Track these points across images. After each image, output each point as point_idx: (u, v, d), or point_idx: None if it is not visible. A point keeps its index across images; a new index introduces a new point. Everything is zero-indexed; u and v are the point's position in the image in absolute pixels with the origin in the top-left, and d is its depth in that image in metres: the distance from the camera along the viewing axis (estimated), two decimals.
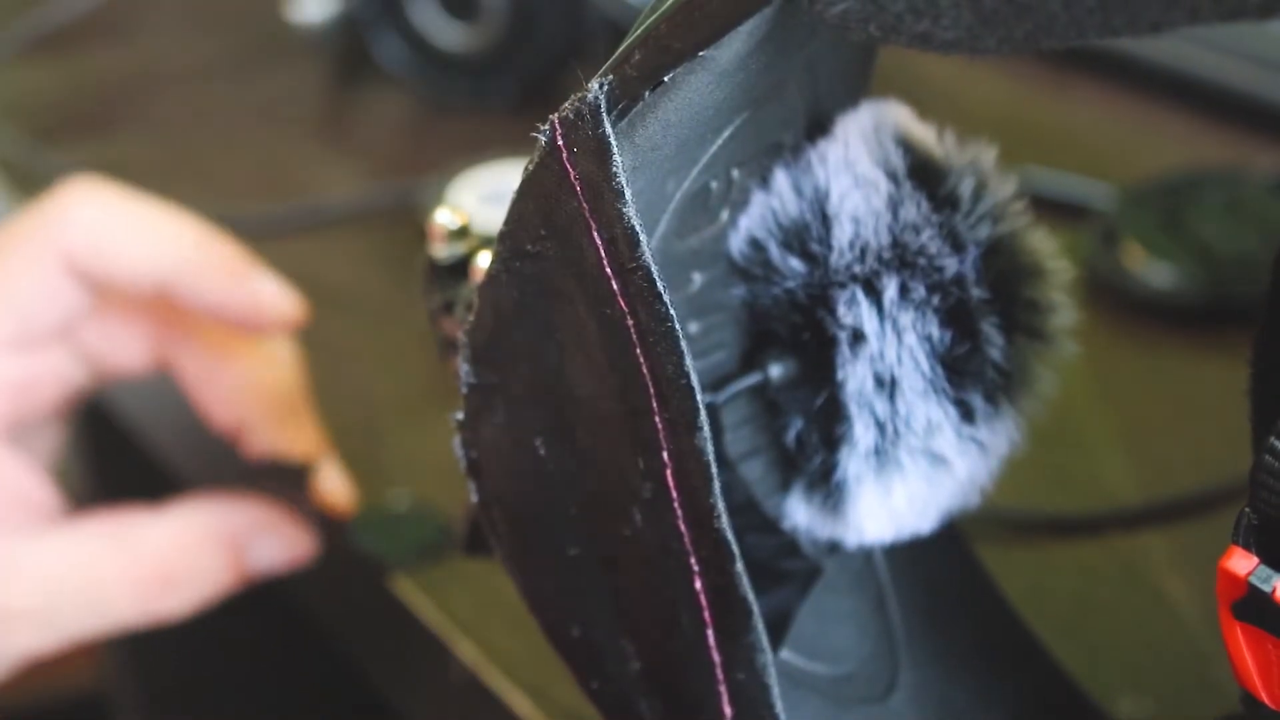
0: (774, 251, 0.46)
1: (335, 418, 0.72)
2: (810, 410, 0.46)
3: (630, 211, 0.39)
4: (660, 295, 0.39)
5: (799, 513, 0.47)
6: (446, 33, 0.93)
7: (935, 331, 0.44)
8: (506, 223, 0.42)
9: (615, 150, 0.39)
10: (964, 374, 0.45)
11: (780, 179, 0.46)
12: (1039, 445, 0.49)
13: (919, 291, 0.44)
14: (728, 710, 0.42)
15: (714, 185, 0.45)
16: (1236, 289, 0.72)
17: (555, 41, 0.90)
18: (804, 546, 0.49)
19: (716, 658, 0.42)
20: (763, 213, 0.46)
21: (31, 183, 0.89)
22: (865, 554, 0.49)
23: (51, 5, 1.07)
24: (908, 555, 0.50)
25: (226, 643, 1.05)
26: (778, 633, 0.47)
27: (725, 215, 0.46)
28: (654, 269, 0.39)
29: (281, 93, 0.98)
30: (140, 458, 0.89)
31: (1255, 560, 0.39)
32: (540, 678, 0.60)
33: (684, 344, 0.39)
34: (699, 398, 0.40)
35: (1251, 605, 0.39)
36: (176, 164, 0.91)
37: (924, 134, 0.46)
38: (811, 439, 0.46)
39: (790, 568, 0.48)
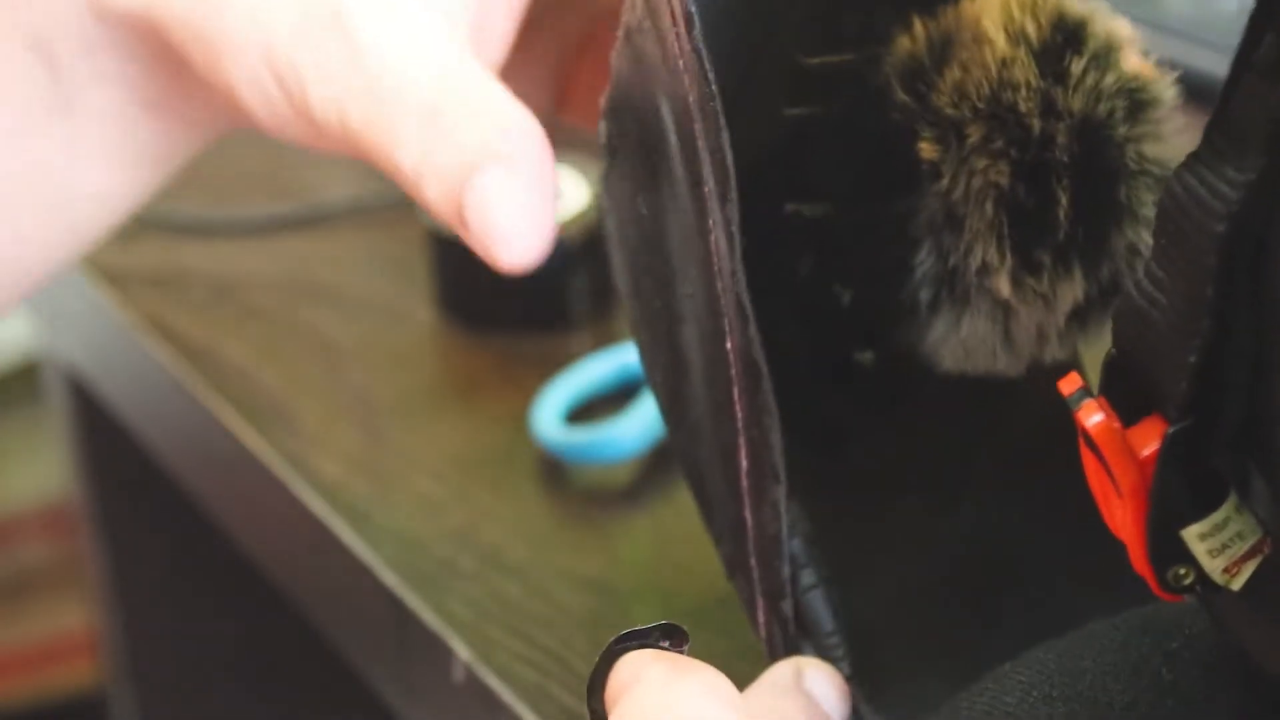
0: (892, 85, 0.50)
1: (334, 417, 0.72)
2: (894, 231, 0.51)
3: None
4: (707, 75, 0.45)
5: (904, 333, 0.52)
6: None
7: (1005, 181, 0.48)
8: (626, 3, 0.48)
9: None
10: (1029, 226, 0.48)
11: (917, 24, 0.50)
12: None
13: (998, 143, 0.48)
14: (744, 463, 0.46)
15: (850, 18, 0.51)
16: None
17: None
18: (909, 370, 0.52)
19: (739, 412, 0.46)
20: (898, 53, 0.51)
21: None
22: (974, 406, 0.54)
23: None
24: (1006, 409, 0.54)
25: (225, 643, 1.04)
26: (853, 433, 0.53)
27: (870, 50, 0.51)
28: (704, 52, 0.45)
29: None
30: (139, 457, 0.89)
31: (1079, 383, 0.42)
32: (540, 678, 0.60)
33: (723, 121, 0.45)
34: (732, 173, 0.45)
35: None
36: None
37: (1076, 17, 0.49)
38: (894, 261, 0.51)
39: (884, 385, 0.54)
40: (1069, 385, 0.41)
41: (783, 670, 0.49)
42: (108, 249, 0.84)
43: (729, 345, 0.46)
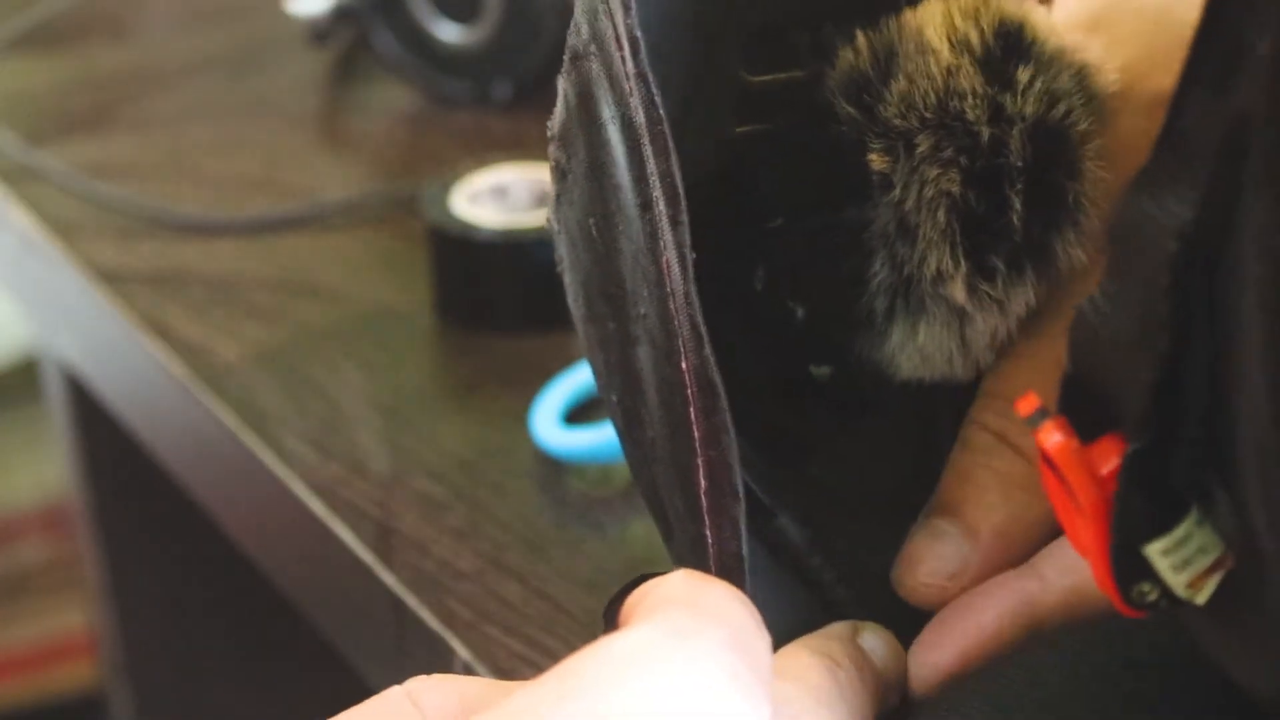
0: (836, 99, 0.50)
1: (333, 417, 0.72)
2: (846, 243, 0.51)
3: (634, 22, 0.46)
4: (654, 99, 0.45)
5: (860, 344, 0.52)
6: (445, 30, 0.93)
7: (956, 189, 0.49)
8: (571, 26, 0.49)
9: None
10: (982, 233, 0.49)
11: (860, 38, 0.51)
12: None
13: (947, 152, 0.49)
14: (703, 482, 0.46)
15: (795, 35, 0.51)
16: None
17: (553, 40, 0.90)
18: (866, 381, 0.53)
19: (697, 432, 0.46)
20: (842, 67, 0.51)
21: (22, 182, 0.89)
22: (932, 412, 0.54)
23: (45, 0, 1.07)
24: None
25: (224, 643, 1.04)
26: (810, 452, 0.54)
27: (815, 67, 0.51)
28: (650, 75, 0.45)
29: (279, 90, 0.97)
30: (138, 457, 0.89)
31: (1037, 404, 0.41)
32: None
33: (671, 144, 0.45)
34: (681, 195, 0.45)
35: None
36: (172, 162, 0.91)
37: (1017, 20, 0.50)
38: (848, 273, 0.51)
39: (842, 398, 0.54)
40: (1027, 406, 0.41)
41: (839, 626, 0.49)
42: (106, 248, 0.84)
43: (684, 366, 0.46)
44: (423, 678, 0.44)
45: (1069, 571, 0.44)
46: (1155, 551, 0.41)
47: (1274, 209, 0.36)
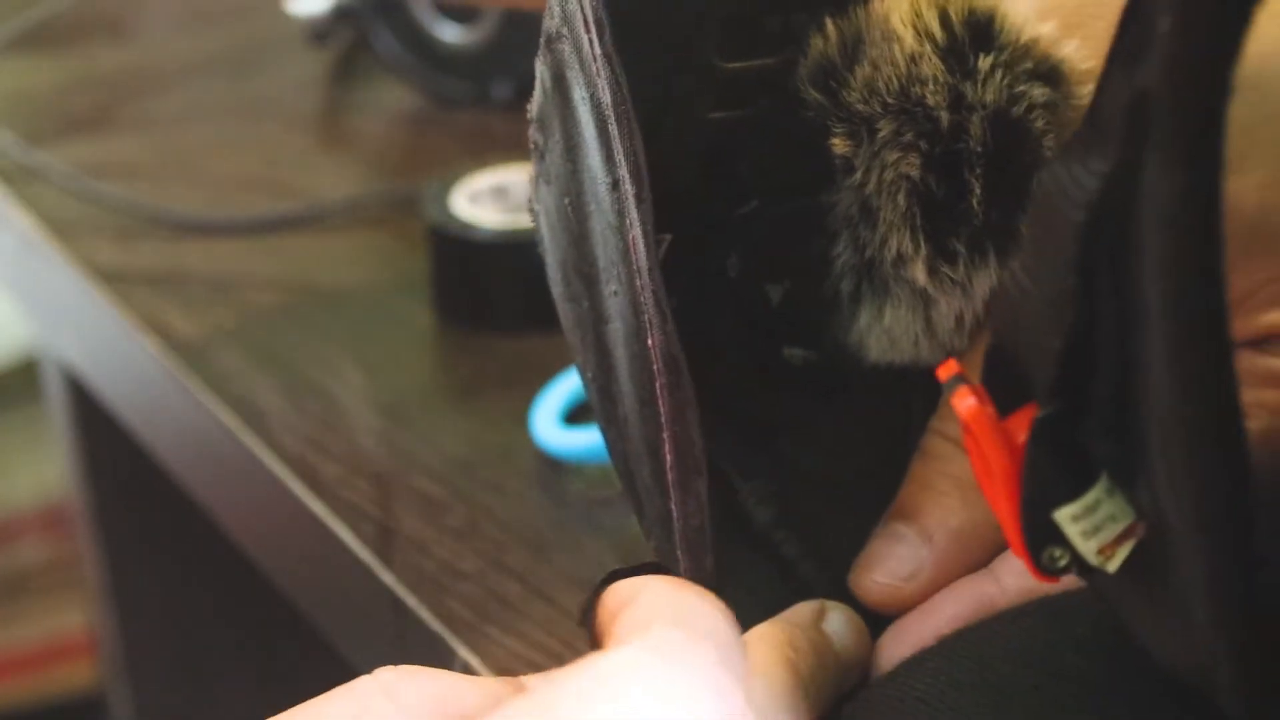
0: (804, 84, 0.51)
1: (335, 417, 0.72)
2: (812, 226, 0.52)
3: (599, 4, 0.47)
4: (619, 80, 0.46)
5: (832, 328, 0.53)
6: (445, 30, 0.93)
7: (916, 173, 0.49)
8: (546, 10, 0.49)
9: None
10: (943, 217, 0.50)
11: (829, 25, 0.51)
12: None
13: (908, 136, 0.49)
14: (668, 456, 0.47)
15: (768, 22, 0.52)
16: None
17: None
18: (839, 365, 0.53)
19: (663, 408, 0.47)
20: (812, 53, 0.52)
21: (22, 182, 0.89)
22: (906, 399, 0.54)
23: None
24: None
25: (224, 643, 1.04)
26: (783, 432, 0.54)
27: (787, 54, 0.52)
28: (615, 57, 0.46)
29: (279, 90, 0.97)
30: (138, 457, 0.89)
31: (956, 369, 0.42)
32: None
33: (635, 125, 0.46)
34: (645, 174, 0.46)
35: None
36: (172, 162, 0.91)
37: (985, 9, 0.50)
38: (818, 256, 0.52)
39: (816, 381, 0.54)
40: (945, 371, 0.42)
41: (804, 607, 0.50)
42: (106, 248, 0.84)
43: (650, 342, 0.47)
44: (393, 669, 0.43)
45: (1025, 574, 0.44)
46: (1065, 517, 0.42)
47: (1171, 180, 0.37)
